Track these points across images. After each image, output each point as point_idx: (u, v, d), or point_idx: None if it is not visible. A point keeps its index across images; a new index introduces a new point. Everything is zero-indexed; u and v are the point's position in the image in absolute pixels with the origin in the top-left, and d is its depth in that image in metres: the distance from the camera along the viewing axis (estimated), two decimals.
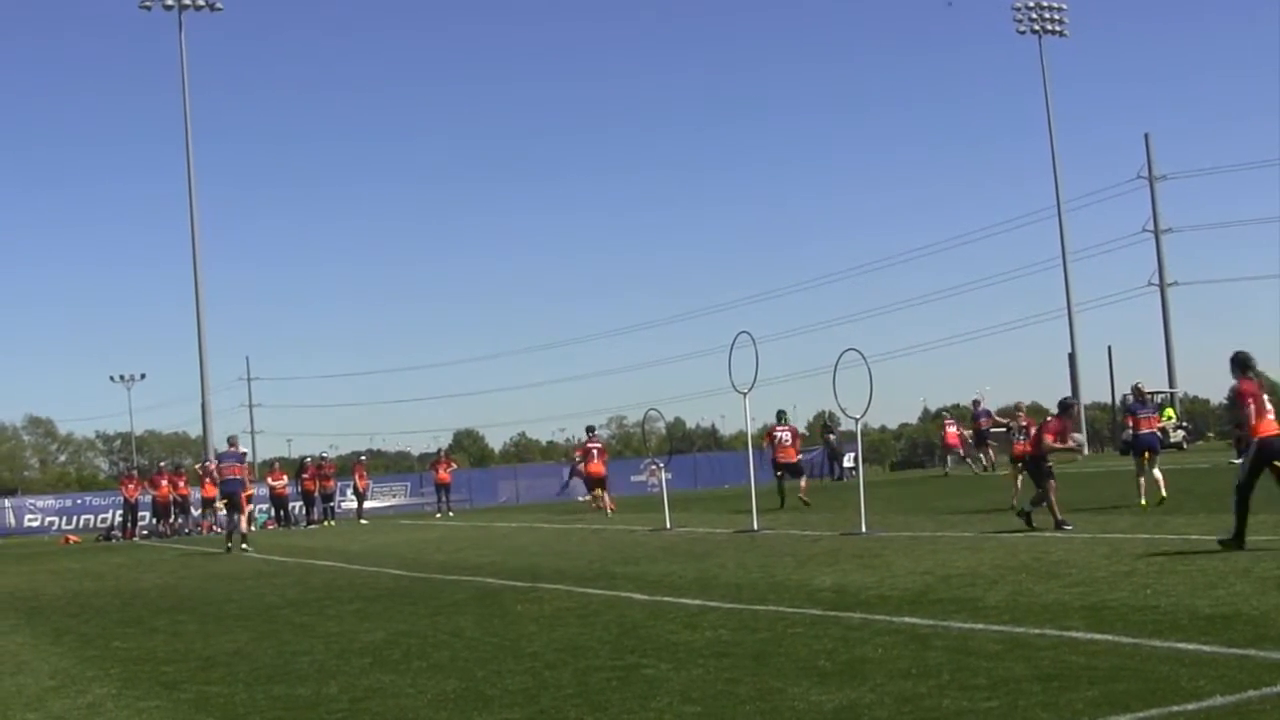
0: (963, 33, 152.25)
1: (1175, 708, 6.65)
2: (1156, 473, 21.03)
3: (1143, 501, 20.67)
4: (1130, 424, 22.15)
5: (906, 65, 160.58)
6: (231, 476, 28.41)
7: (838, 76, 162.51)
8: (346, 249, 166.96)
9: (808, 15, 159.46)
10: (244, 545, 27.25)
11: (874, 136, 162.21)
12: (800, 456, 29.93)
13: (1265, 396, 14.57)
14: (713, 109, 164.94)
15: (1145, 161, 66.76)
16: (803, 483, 28.23)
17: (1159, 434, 22.77)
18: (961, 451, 43.42)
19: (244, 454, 30.76)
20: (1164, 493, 20.61)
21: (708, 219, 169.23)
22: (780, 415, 30.14)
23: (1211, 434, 71.85)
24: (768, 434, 29.46)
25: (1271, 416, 14.35)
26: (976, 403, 41.01)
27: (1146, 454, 21.34)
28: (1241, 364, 14.88)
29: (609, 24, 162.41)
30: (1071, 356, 64.76)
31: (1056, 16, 65.83)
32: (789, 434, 29.06)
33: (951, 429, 43.97)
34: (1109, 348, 66.04)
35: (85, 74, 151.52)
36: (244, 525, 29.00)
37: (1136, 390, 23.54)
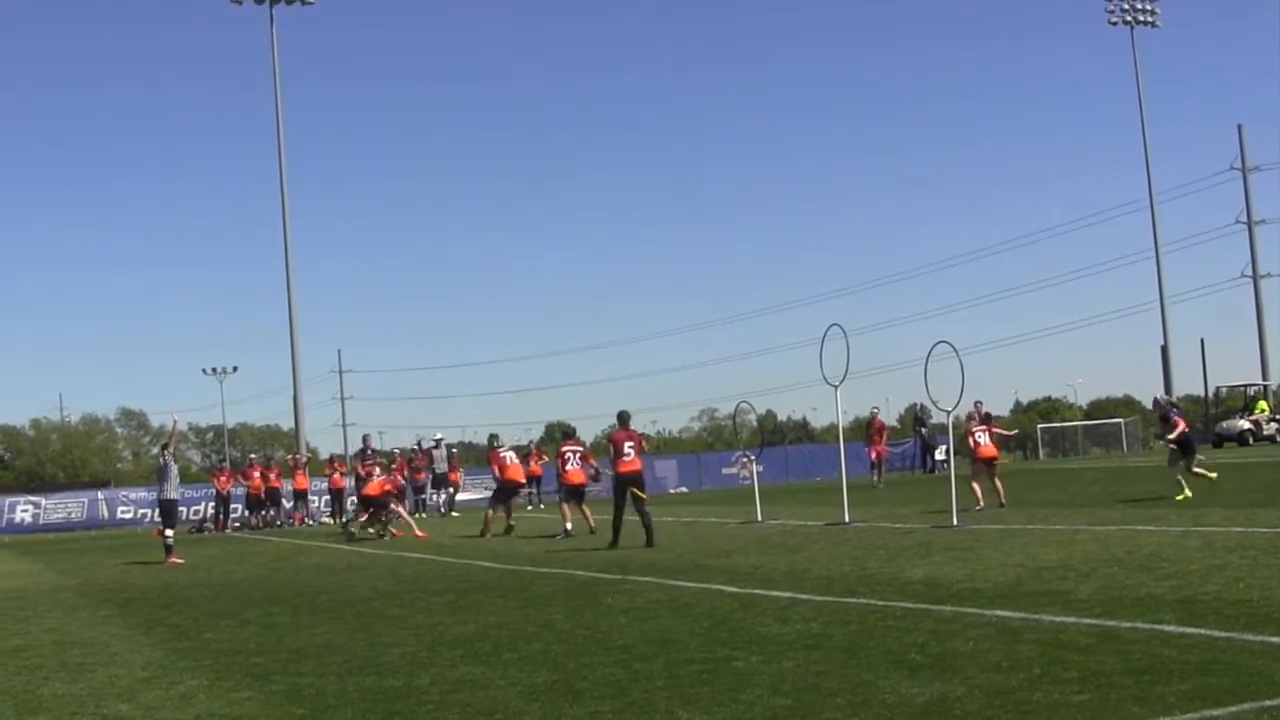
0: (1056, 25, 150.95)
1: (1268, 702, 6.59)
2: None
3: (1186, 493, 21.60)
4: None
5: (1000, 57, 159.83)
6: None
7: (932, 69, 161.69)
8: (439, 243, 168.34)
9: (904, 5, 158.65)
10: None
11: (966, 128, 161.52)
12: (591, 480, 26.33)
13: (628, 444, 20.43)
14: (800, 99, 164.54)
15: (1238, 152, 65.82)
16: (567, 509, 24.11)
17: (1194, 432, 24.42)
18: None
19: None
20: (1188, 491, 21.44)
21: (800, 212, 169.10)
22: (567, 431, 26.49)
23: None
24: (560, 454, 24.53)
25: (630, 457, 20.35)
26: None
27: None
28: (618, 419, 21.15)
29: (691, 19, 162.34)
30: (1164, 349, 64.04)
31: (1148, 7, 65.00)
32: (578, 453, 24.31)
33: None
34: (1202, 340, 65.39)
35: (177, 69, 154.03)
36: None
37: (1160, 401, 25.50)
